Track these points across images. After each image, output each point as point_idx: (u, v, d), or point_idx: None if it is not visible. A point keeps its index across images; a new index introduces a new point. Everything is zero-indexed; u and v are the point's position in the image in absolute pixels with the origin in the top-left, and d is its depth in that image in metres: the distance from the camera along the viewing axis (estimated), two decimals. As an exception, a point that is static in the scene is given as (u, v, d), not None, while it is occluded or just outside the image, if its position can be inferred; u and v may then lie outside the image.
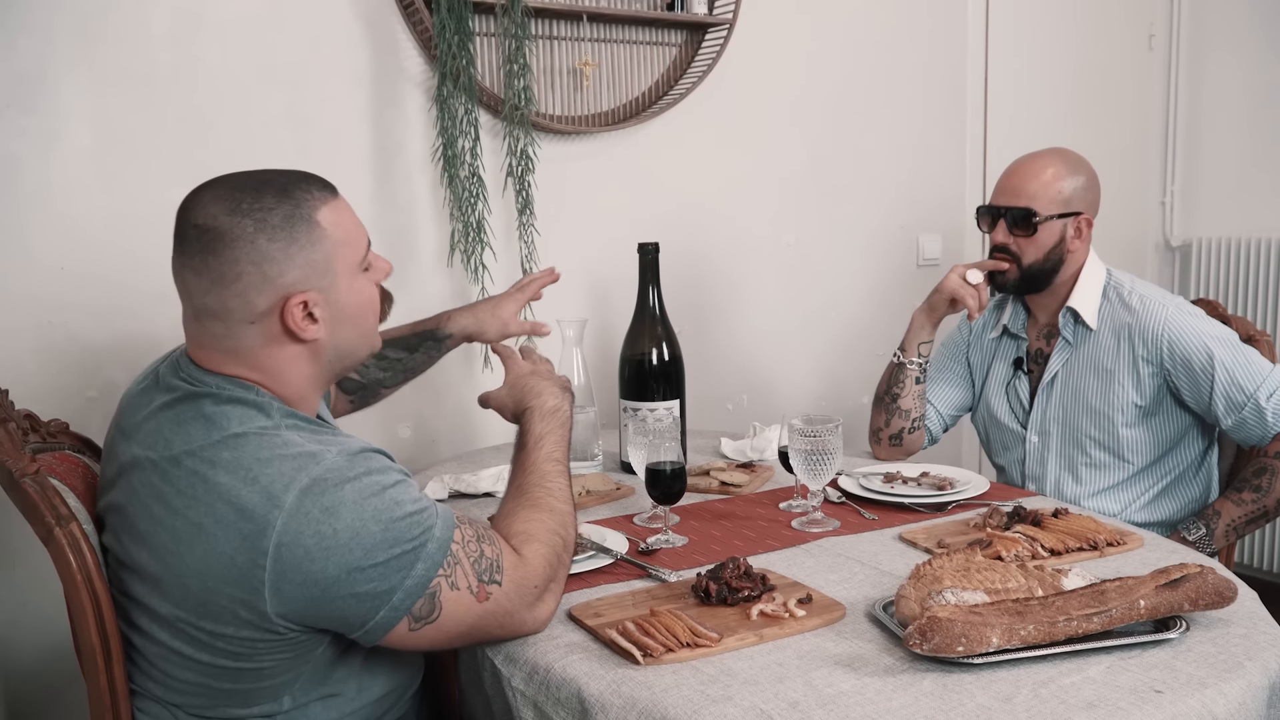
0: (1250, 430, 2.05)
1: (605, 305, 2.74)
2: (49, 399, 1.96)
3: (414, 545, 1.28)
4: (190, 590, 1.27)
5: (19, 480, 1.34)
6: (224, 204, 1.30)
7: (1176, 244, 3.80)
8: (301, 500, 1.24)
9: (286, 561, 1.23)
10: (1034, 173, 2.16)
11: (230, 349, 1.35)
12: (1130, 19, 3.72)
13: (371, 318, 1.45)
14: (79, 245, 2.14)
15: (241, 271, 1.30)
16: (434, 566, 1.29)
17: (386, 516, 1.27)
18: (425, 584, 1.28)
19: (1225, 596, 1.33)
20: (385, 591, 1.26)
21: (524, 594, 1.37)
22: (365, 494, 1.27)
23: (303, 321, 1.34)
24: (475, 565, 1.33)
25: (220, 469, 1.26)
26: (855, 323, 3.23)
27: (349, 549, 1.24)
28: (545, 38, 2.60)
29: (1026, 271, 2.17)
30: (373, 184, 2.44)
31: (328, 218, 1.36)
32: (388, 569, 1.26)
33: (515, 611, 1.36)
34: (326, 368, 1.42)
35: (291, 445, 1.29)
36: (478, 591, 1.33)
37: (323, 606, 1.25)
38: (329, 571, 1.23)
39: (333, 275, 1.36)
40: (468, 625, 1.33)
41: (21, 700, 2.14)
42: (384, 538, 1.26)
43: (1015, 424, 2.30)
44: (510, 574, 1.36)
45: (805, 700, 1.19)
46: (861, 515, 1.88)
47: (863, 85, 3.17)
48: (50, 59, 2.09)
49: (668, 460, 1.75)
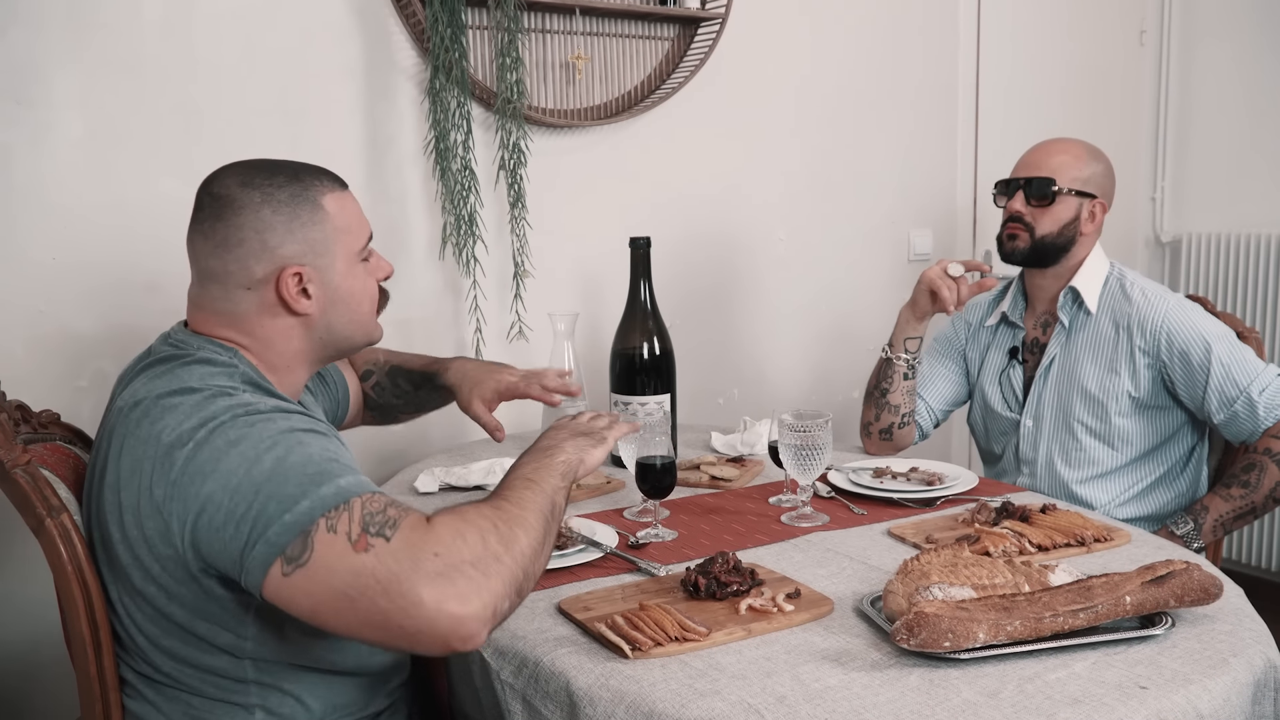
0: (1241, 425, 2.07)
1: (597, 299, 2.74)
2: (40, 389, 1.96)
3: (305, 484, 1.20)
4: (128, 532, 1.28)
5: (10, 471, 1.34)
6: (238, 177, 1.40)
7: (1167, 239, 3.81)
8: (212, 432, 1.24)
9: (184, 485, 1.23)
10: (1058, 150, 2.22)
11: (226, 312, 1.40)
12: (1121, 15, 3.73)
13: (368, 306, 1.50)
14: (70, 235, 2.14)
15: (244, 238, 1.38)
16: (320, 507, 1.18)
17: (285, 450, 1.23)
18: (305, 522, 1.17)
19: (1211, 593, 1.34)
20: (263, 523, 1.18)
21: (417, 559, 1.14)
22: (275, 431, 1.25)
23: (296, 294, 1.40)
24: (366, 516, 1.18)
25: (165, 412, 1.29)
26: (846, 317, 3.24)
27: (232, 473, 1.21)
28: (538, 31, 2.60)
29: (1038, 243, 2.19)
30: (365, 176, 2.44)
31: (332, 204, 1.43)
32: (269, 500, 1.19)
33: (402, 577, 1.13)
34: (318, 345, 1.46)
35: (227, 398, 1.30)
36: (357, 539, 1.16)
37: (208, 534, 1.22)
38: (214, 493, 1.21)
39: (330, 256, 1.42)
40: (341, 580, 1.15)
41: (10, 689, 2.14)
42: (276, 470, 1.21)
43: (1009, 411, 2.32)
44: (405, 533, 1.17)
45: (792, 695, 1.20)
46: (851, 510, 1.89)
47: (855, 80, 3.17)
48: (42, 49, 2.08)
49: (658, 454, 1.76)
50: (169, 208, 2.18)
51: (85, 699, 1.37)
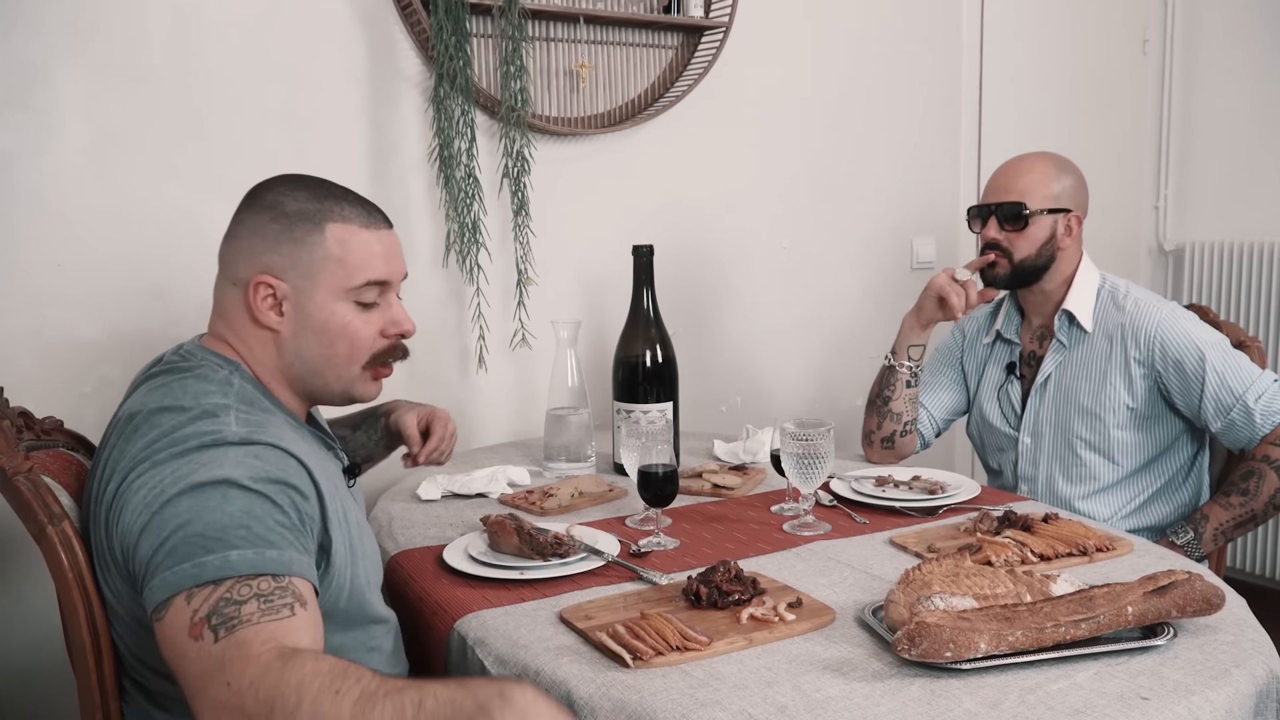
0: (1239, 432, 2.07)
1: (599, 307, 2.74)
2: (43, 395, 1.96)
3: (196, 548, 1.17)
4: (107, 545, 1.29)
5: (12, 478, 1.34)
6: (278, 184, 1.45)
7: (1170, 248, 3.81)
8: (158, 464, 1.24)
9: (124, 495, 1.25)
10: (1023, 170, 2.20)
11: (219, 302, 1.46)
12: (1125, 23, 3.73)
13: (344, 348, 1.45)
14: (74, 242, 2.14)
15: (240, 234, 1.43)
16: (195, 578, 1.15)
17: (202, 503, 1.20)
18: (176, 587, 1.15)
19: (1213, 603, 1.34)
20: (150, 571, 1.18)
21: (213, 676, 1.09)
22: (208, 476, 1.22)
23: (262, 303, 1.41)
24: (220, 602, 1.14)
25: (151, 428, 1.30)
26: (849, 326, 3.24)
27: (152, 510, 1.21)
28: (542, 39, 2.61)
29: (1018, 267, 2.18)
30: (368, 184, 2.44)
31: (339, 231, 1.42)
32: (163, 553, 1.18)
33: (198, 682, 1.10)
34: (292, 368, 1.45)
35: (208, 420, 1.30)
36: (196, 624, 1.13)
37: (128, 556, 1.23)
38: (131, 525, 1.22)
39: (312, 282, 1.42)
40: (169, 649, 1.15)
41: (11, 697, 2.14)
42: (184, 524, 1.19)
43: (1008, 427, 2.31)
44: (229, 643, 1.10)
45: (793, 705, 1.20)
46: (853, 519, 1.89)
47: (858, 88, 3.17)
48: (46, 55, 2.09)
49: (660, 462, 1.76)
50: (173, 214, 2.20)
51: (85, 707, 1.37)
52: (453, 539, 1.80)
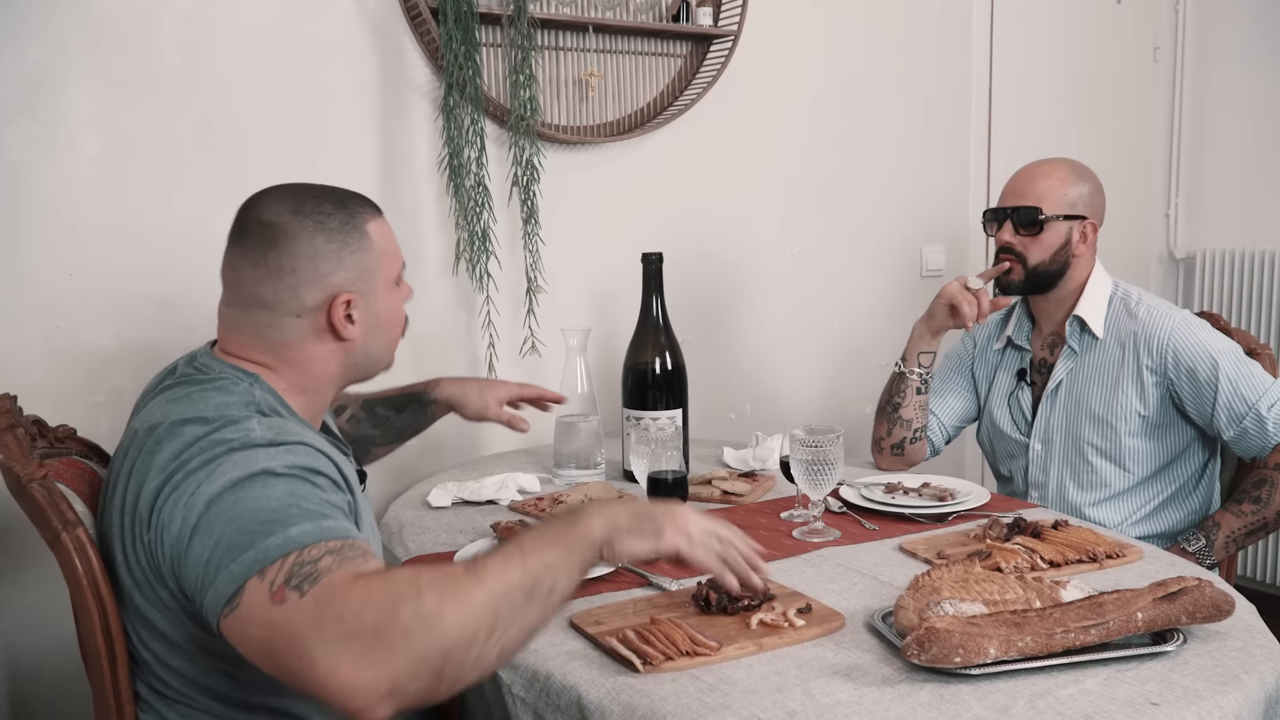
0: (1251, 441, 2.06)
1: (609, 314, 2.75)
2: (56, 404, 1.97)
3: (255, 533, 1.17)
4: (129, 556, 1.30)
5: (27, 485, 1.35)
6: (288, 204, 1.41)
7: (1180, 256, 3.80)
8: (192, 471, 1.25)
9: (163, 509, 1.24)
10: (1041, 175, 2.19)
11: (269, 338, 1.42)
12: (1135, 31, 3.73)
13: (398, 331, 1.54)
14: (87, 252, 2.15)
15: (297, 266, 1.39)
16: (262, 559, 1.15)
17: (247, 493, 1.21)
18: (246, 573, 1.15)
19: (1223, 610, 1.34)
20: (213, 570, 1.17)
21: (320, 620, 1.09)
22: (246, 472, 1.23)
23: (343, 320, 1.42)
24: (295, 567, 1.13)
25: (174, 439, 1.29)
26: (859, 333, 3.24)
27: (198, 513, 1.21)
28: (551, 49, 2.62)
29: (1032, 273, 2.18)
30: (379, 193, 2.45)
31: (375, 230, 1.47)
32: (222, 548, 1.18)
33: (302, 636, 1.08)
34: (351, 370, 1.49)
35: (232, 428, 1.30)
36: (276, 591, 1.12)
37: (183, 569, 1.22)
38: (182, 532, 1.21)
39: (374, 283, 1.46)
40: (259, 631, 1.12)
41: (27, 703, 2.15)
42: (235, 516, 1.19)
43: (1018, 434, 2.31)
44: (319, 590, 1.11)
45: (803, 710, 1.20)
46: (862, 525, 1.89)
47: (867, 96, 3.18)
48: (59, 67, 2.11)
49: (669, 469, 1.76)
50: (185, 225, 2.21)
51: (100, 713, 1.38)
52: (463, 545, 1.81)
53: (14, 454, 1.38)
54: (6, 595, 2.12)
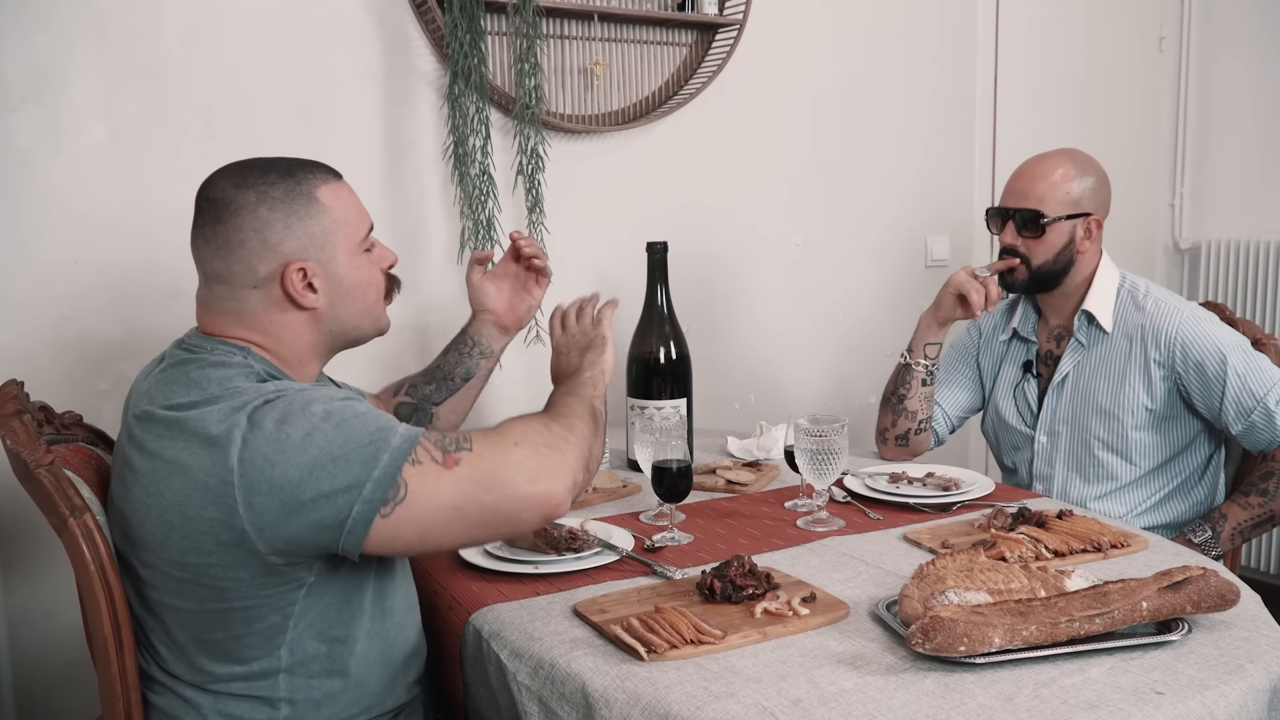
0: (1259, 435, 2.06)
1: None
2: (63, 391, 1.98)
3: (374, 440, 1.28)
4: (174, 526, 1.30)
5: (34, 471, 1.35)
6: (232, 179, 1.42)
7: (1185, 246, 3.79)
8: (255, 413, 1.28)
9: (250, 474, 1.26)
10: (1042, 174, 2.16)
11: (234, 311, 1.43)
12: (1140, 21, 3.72)
13: (374, 295, 1.52)
14: (93, 240, 2.16)
15: (245, 238, 1.39)
16: (400, 455, 1.28)
17: (339, 418, 1.30)
18: (394, 471, 1.27)
19: (1227, 599, 1.34)
20: (353, 485, 1.26)
21: (502, 452, 1.32)
22: (317, 402, 1.31)
23: (301, 288, 1.42)
24: (438, 442, 1.32)
25: (193, 414, 1.31)
26: (863, 323, 3.23)
27: (303, 449, 1.26)
28: (556, 37, 2.61)
29: (1036, 272, 2.17)
30: (384, 181, 2.45)
31: (327, 196, 1.45)
32: (349, 463, 1.27)
33: (497, 469, 1.31)
34: (328, 337, 1.49)
35: (263, 387, 1.34)
36: (443, 459, 1.30)
37: (296, 513, 1.26)
38: (290, 474, 1.26)
39: (331, 249, 1.44)
40: (446, 496, 1.29)
41: (32, 688, 2.16)
42: (338, 436, 1.28)
43: (1024, 426, 2.31)
44: (480, 440, 1.33)
45: (808, 698, 1.20)
46: (866, 515, 1.89)
47: (873, 86, 3.17)
48: (65, 56, 2.11)
49: (674, 458, 1.76)
50: (190, 212, 2.20)
51: (106, 697, 1.38)
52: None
53: (21, 440, 1.39)
54: (12, 582, 2.12)
